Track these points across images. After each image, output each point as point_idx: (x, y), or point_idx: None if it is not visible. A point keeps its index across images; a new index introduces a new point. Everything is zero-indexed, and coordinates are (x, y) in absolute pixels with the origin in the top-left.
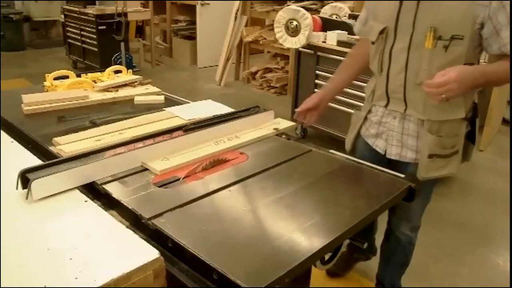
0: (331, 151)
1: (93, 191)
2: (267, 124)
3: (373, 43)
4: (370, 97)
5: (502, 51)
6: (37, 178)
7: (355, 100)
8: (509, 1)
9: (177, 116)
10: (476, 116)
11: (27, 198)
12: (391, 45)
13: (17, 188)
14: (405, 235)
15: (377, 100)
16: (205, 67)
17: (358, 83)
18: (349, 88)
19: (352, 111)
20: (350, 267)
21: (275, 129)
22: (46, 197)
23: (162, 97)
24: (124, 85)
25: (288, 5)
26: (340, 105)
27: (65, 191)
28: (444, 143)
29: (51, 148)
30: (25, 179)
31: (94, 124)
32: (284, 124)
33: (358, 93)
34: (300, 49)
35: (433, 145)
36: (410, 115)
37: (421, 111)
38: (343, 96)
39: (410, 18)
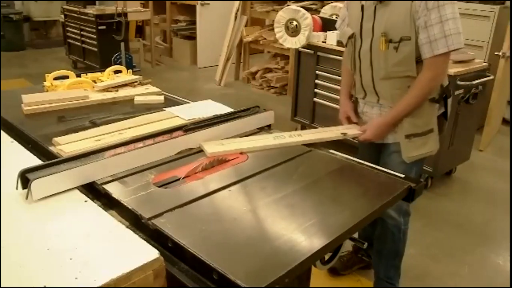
0: (331, 151)
1: (93, 191)
2: (334, 128)
3: (345, 46)
4: (353, 89)
5: (421, 51)
6: (37, 178)
7: None
8: (434, 8)
9: (177, 116)
10: (448, 96)
11: (27, 198)
12: (359, 48)
13: (17, 188)
14: (392, 219)
15: (358, 93)
16: (205, 67)
17: None
18: None
19: None
20: (352, 267)
21: (343, 133)
22: (46, 197)
23: (162, 97)
24: (124, 85)
25: (288, 5)
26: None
27: (65, 191)
28: (416, 122)
29: (51, 148)
30: (25, 179)
31: (94, 124)
32: (353, 131)
33: None
34: (300, 49)
35: (407, 125)
36: (382, 104)
37: (390, 100)
38: None
39: (369, 25)
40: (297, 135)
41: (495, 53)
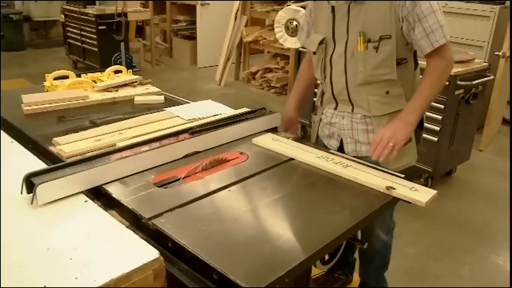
0: (331, 150)
1: (93, 191)
2: (382, 174)
3: (314, 53)
4: (319, 100)
5: (418, 47)
6: (42, 183)
7: None
8: (423, 1)
9: (177, 116)
10: None
11: (32, 203)
12: (331, 53)
13: (21, 193)
14: (380, 240)
15: (327, 104)
16: (205, 67)
17: None
18: None
19: None
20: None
21: (388, 187)
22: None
23: (162, 97)
24: (124, 85)
25: (288, 5)
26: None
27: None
28: None
29: (51, 148)
30: (30, 183)
31: (94, 124)
32: (405, 190)
33: None
34: (300, 49)
35: None
36: (357, 113)
37: (366, 109)
38: None
39: (344, 26)
40: (342, 165)
41: (495, 53)
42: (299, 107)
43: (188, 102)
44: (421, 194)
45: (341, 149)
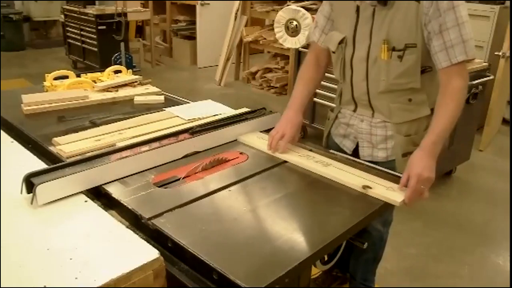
0: (331, 151)
1: (93, 191)
2: (359, 173)
3: (333, 52)
4: (338, 100)
5: (434, 59)
6: (42, 183)
7: None
8: (449, 9)
9: (177, 116)
10: None
11: (31, 203)
12: (351, 54)
13: (21, 193)
14: (377, 231)
15: (346, 104)
16: (205, 67)
17: None
18: None
19: None
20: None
21: (365, 186)
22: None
23: (162, 97)
24: (124, 85)
25: (288, 5)
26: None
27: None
28: (415, 140)
29: (51, 148)
30: (29, 183)
31: (94, 124)
32: (381, 189)
33: None
34: (300, 49)
35: (405, 144)
36: (377, 118)
37: (387, 115)
38: None
39: (367, 30)
40: (323, 164)
41: (495, 53)
42: (304, 110)
43: (188, 102)
44: (397, 193)
45: (356, 150)
